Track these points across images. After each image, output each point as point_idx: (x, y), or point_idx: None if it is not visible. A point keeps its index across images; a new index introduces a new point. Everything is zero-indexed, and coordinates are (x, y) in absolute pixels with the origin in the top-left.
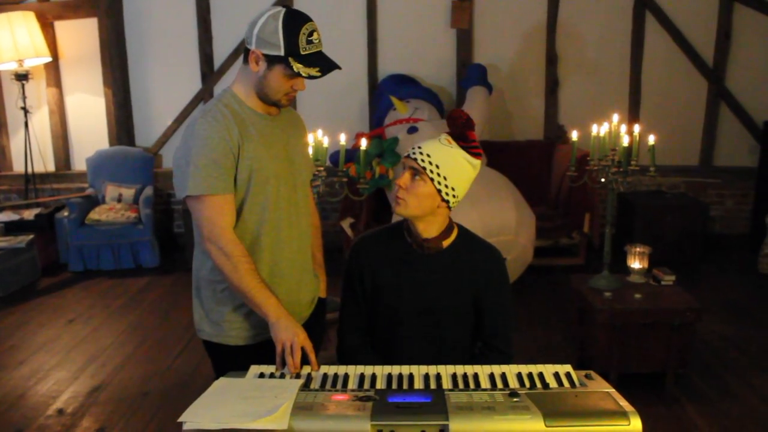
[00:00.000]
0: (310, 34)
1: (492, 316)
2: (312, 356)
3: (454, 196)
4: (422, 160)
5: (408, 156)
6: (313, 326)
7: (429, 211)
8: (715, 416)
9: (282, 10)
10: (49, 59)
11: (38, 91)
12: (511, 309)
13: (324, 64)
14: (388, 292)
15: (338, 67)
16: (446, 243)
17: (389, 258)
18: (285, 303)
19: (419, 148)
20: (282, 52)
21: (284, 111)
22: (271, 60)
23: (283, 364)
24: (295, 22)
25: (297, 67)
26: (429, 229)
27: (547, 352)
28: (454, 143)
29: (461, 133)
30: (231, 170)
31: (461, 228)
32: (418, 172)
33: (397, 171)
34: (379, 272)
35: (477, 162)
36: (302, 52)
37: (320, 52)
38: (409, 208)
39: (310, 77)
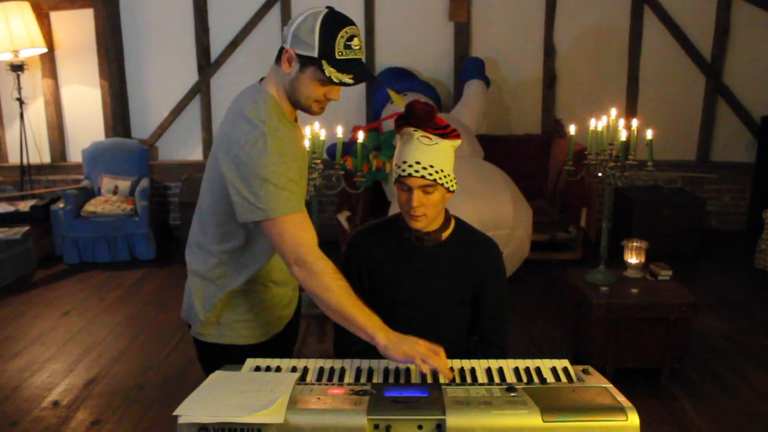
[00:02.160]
0: (350, 38)
1: (489, 309)
2: (441, 367)
3: (452, 180)
4: (429, 174)
5: (409, 176)
6: (293, 321)
7: (442, 210)
8: (711, 411)
9: (324, 10)
10: (45, 50)
11: (34, 81)
12: (507, 302)
13: (360, 73)
14: (387, 285)
15: (376, 79)
16: (445, 235)
17: (387, 251)
18: (278, 310)
19: (416, 163)
20: (316, 54)
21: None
22: (304, 61)
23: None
24: (335, 23)
25: (329, 71)
26: (431, 222)
27: (544, 347)
28: (433, 137)
29: (429, 123)
30: (304, 186)
31: (458, 220)
32: (427, 186)
33: (393, 193)
34: (377, 266)
35: (458, 142)
36: (338, 57)
37: (358, 60)
38: (430, 218)
39: (342, 83)
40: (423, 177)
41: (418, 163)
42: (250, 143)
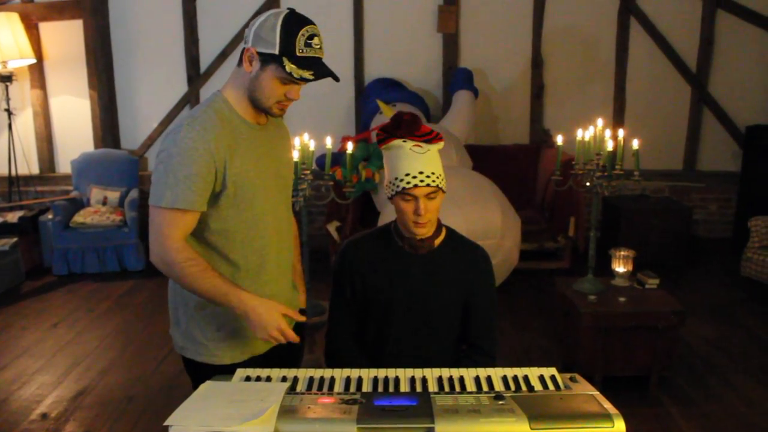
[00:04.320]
0: (310, 37)
1: (478, 317)
2: (295, 315)
3: (444, 180)
4: (433, 181)
5: (415, 186)
6: (283, 346)
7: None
8: (698, 418)
9: (286, 11)
10: (34, 61)
11: (22, 92)
12: (496, 310)
13: (320, 69)
14: (380, 294)
15: (335, 77)
16: (437, 242)
17: (379, 260)
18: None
19: (420, 173)
20: (276, 51)
21: (272, 120)
22: (265, 59)
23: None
24: (296, 22)
25: (290, 67)
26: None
27: (532, 355)
28: (423, 144)
29: (417, 130)
30: (210, 186)
31: (448, 228)
32: (431, 192)
33: (383, 203)
34: (370, 275)
35: (442, 144)
36: (298, 54)
37: (318, 59)
38: (433, 223)
39: (302, 79)
40: (428, 185)
41: (421, 173)
42: (168, 135)
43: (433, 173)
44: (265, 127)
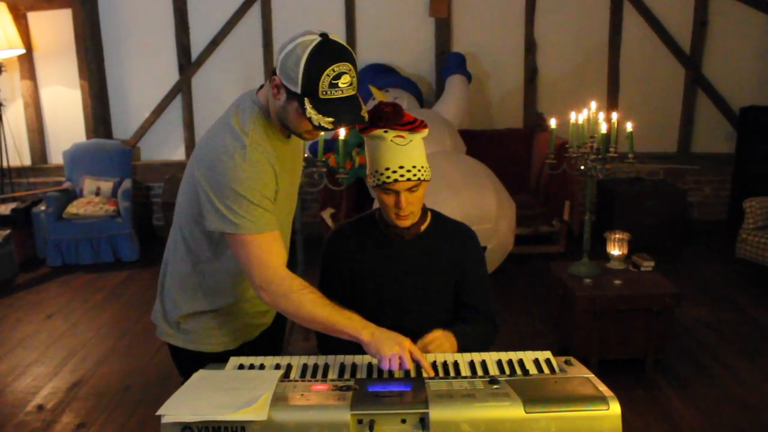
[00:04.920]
0: (337, 76)
1: (473, 294)
2: (424, 362)
3: (428, 169)
4: (414, 175)
5: (396, 181)
6: (277, 322)
7: (423, 201)
8: (694, 399)
9: (315, 40)
10: (23, 51)
11: (12, 83)
12: (489, 284)
13: (343, 116)
14: (367, 280)
15: (362, 121)
16: (423, 227)
17: (366, 247)
18: (247, 318)
19: (400, 168)
20: (299, 90)
21: None
22: (290, 94)
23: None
24: (323, 59)
25: (310, 112)
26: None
27: (528, 339)
28: (406, 134)
29: (399, 120)
30: (291, 204)
31: (433, 212)
32: (413, 186)
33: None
34: (357, 262)
35: (426, 131)
36: (321, 96)
37: (345, 99)
38: (416, 214)
39: (320, 128)
40: (409, 180)
41: (401, 167)
42: (228, 154)
43: (414, 167)
44: (290, 139)
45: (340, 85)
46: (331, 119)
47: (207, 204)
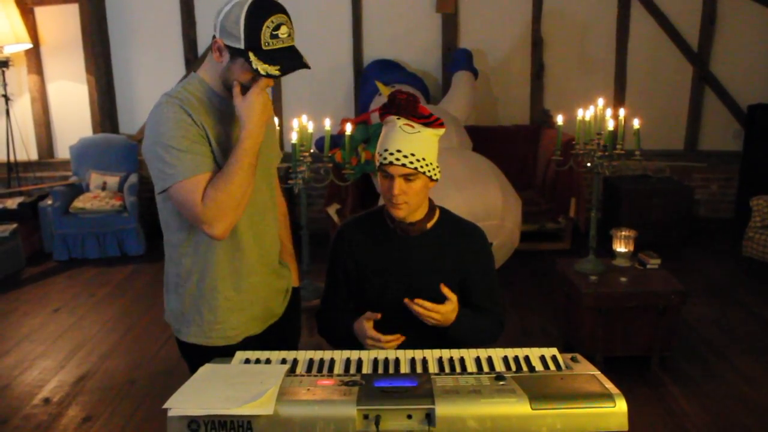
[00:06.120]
0: (276, 27)
1: (480, 294)
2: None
3: (435, 168)
4: (410, 162)
5: (390, 164)
6: (289, 318)
7: (424, 199)
8: (700, 398)
9: None
10: (30, 46)
11: (19, 78)
12: (498, 286)
13: (288, 63)
14: (374, 276)
15: (306, 66)
16: (429, 225)
17: (373, 242)
18: (257, 314)
19: (398, 151)
20: (242, 45)
21: None
22: (233, 52)
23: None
24: (261, 12)
25: (256, 63)
26: (415, 213)
27: (534, 336)
28: (416, 125)
29: (412, 111)
30: (209, 149)
31: (443, 210)
32: (408, 174)
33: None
34: (364, 257)
35: (442, 130)
36: (264, 47)
37: (287, 48)
38: (412, 207)
39: (269, 76)
40: (404, 165)
41: (399, 151)
42: (151, 116)
43: (413, 155)
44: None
45: (280, 35)
46: (277, 67)
47: (150, 170)
